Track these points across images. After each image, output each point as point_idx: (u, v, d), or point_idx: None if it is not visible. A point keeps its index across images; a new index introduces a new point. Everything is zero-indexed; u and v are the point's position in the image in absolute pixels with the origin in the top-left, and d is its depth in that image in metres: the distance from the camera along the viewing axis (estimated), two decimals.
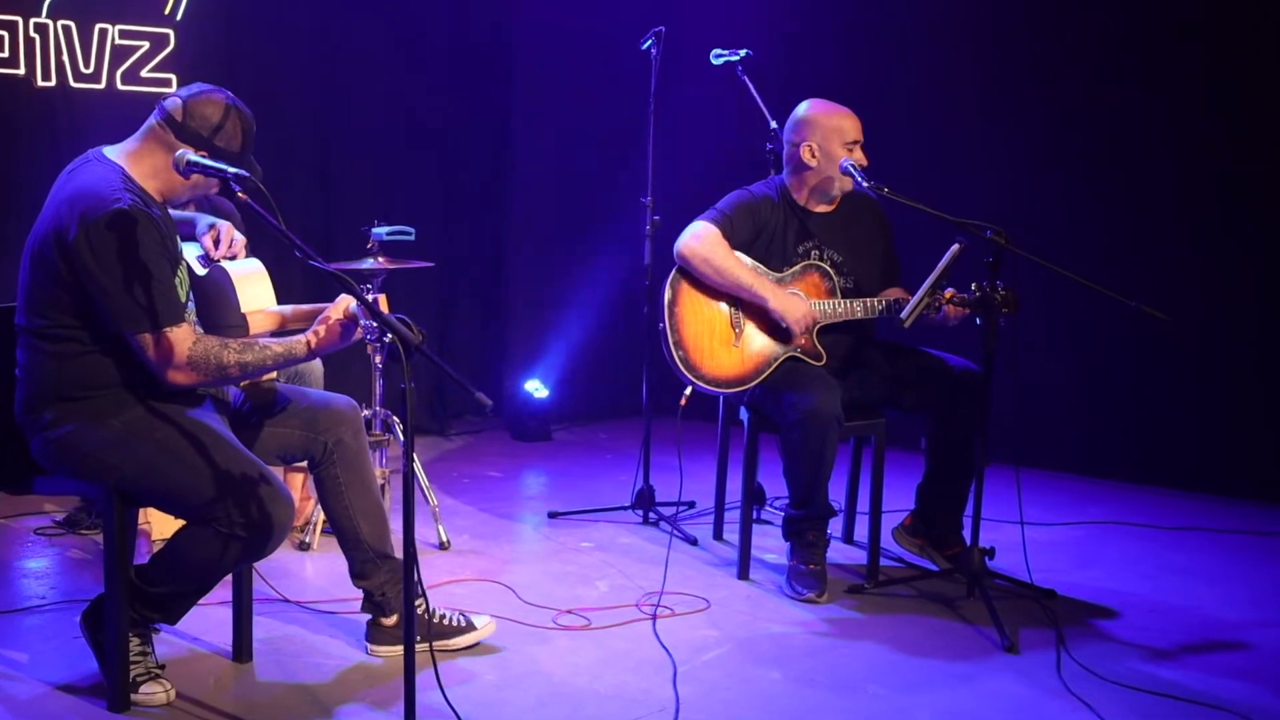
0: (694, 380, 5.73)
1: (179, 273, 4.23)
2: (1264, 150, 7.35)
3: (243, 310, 4.63)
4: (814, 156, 5.84)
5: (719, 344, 5.76)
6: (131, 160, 4.23)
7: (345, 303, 4.20)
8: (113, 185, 4.08)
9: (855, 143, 5.80)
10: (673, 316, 5.75)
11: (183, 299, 4.22)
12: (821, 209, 5.96)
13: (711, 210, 5.89)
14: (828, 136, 5.81)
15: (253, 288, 4.71)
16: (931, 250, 5.41)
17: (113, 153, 4.27)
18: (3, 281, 6.43)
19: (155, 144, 4.23)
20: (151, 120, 4.27)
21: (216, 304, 4.58)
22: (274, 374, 4.52)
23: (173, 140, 4.19)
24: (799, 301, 5.75)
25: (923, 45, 8.52)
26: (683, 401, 6.14)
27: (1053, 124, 8.03)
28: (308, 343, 4.21)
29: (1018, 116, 8.14)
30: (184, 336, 4.07)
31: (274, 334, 4.73)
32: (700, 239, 5.77)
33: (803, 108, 5.92)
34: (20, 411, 4.29)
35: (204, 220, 4.77)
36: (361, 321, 4.12)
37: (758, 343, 5.78)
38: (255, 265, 4.82)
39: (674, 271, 5.82)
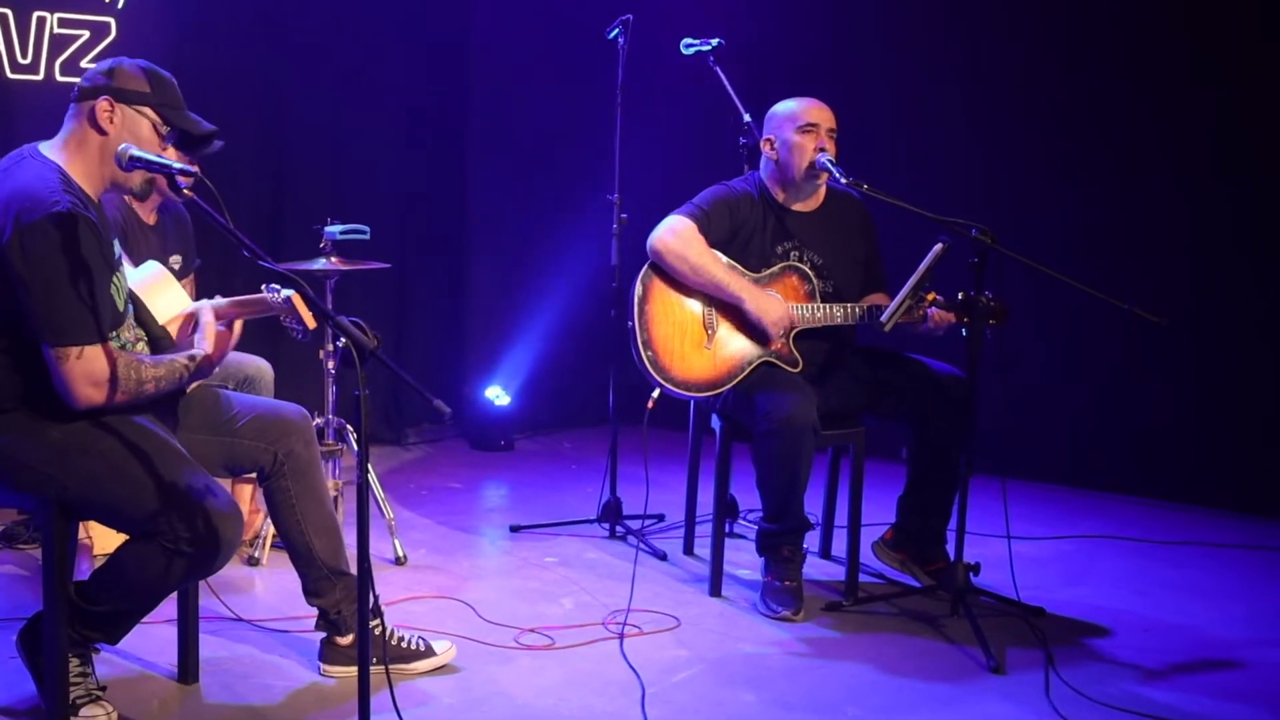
0: (662, 383, 5.75)
1: (115, 280, 4.22)
2: (1261, 146, 7.41)
3: (160, 322, 4.60)
4: (773, 150, 5.91)
5: (690, 346, 5.79)
6: (67, 157, 4.21)
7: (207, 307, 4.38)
8: (51, 186, 4.05)
9: (811, 126, 5.81)
10: (642, 315, 5.77)
11: (120, 307, 4.23)
12: (802, 208, 5.98)
13: (688, 205, 5.92)
14: (780, 126, 5.89)
15: (162, 297, 4.68)
16: (914, 252, 5.43)
17: (49, 150, 4.25)
18: None
19: (83, 131, 4.21)
20: (73, 109, 4.24)
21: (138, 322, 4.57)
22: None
23: (101, 115, 4.18)
24: (777, 303, 5.78)
25: (905, 34, 8.56)
26: (650, 404, 6.13)
27: (1041, 119, 8.07)
28: (207, 356, 4.29)
29: (1005, 111, 8.19)
30: (110, 352, 4.06)
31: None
32: (676, 233, 5.79)
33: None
34: None
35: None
36: (287, 323, 4.21)
37: (731, 346, 5.80)
38: (154, 271, 4.78)
39: (645, 267, 5.85)
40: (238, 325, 4.55)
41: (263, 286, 4.44)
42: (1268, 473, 7.46)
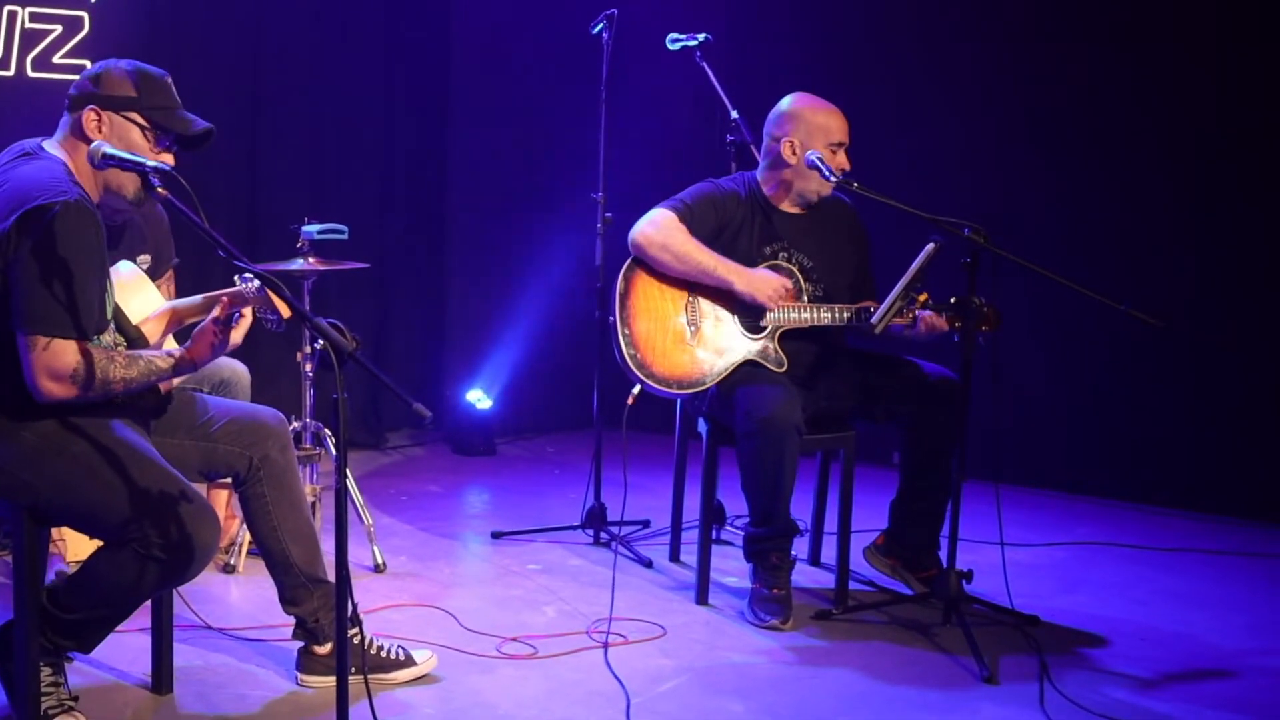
0: (644, 379, 5.75)
1: (108, 285, 4.23)
2: (1260, 146, 7.42)
3: (134, 322, 4.61)
4: (794, 154, 5.84)
5: (672, 342, 5.80)
6: (66, 157, 4.24)
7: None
8: (58, 177, 4.09)
9: (840, 145, 5.81)
10: (624, 310, 5.78)
11: (109, 315, 4.24)
12: (794, 210, 5.99)
13: (671, 199, 5.92)
14: (812, 134, 5.82)
15: (136, 297, 4.69)
16: (905, 253, 5.44)
17: (52, 147, 4.28)
18: None
19: (75, 140, 4.25)
20: (66, 116, 4.28)
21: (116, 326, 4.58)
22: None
23: (89, 125, 4.21)
24: (768, 276, 5.79)
25: (896, 29, 8.56)
26: (629, 401, 6.11)
27: (1036, 117, 8.08)
28: (189, 357, 4.27)
29: (999, 109, 8.20)
30: (84, 350, 4.05)
31: (169, 331, 4.78)
32: (657, 225, 5.80)
33: (788, 101, 5.95)
34: None
35: None
36: (261, 314, 4.24)
37: (714, 343, 5.81)
38: (129, 270, 4.79)
39: (628, 262, 5.86)
40: (244, 327, 4.50)
41: (236, 278, 4.46)
42: (1268, 478, 7.46)
